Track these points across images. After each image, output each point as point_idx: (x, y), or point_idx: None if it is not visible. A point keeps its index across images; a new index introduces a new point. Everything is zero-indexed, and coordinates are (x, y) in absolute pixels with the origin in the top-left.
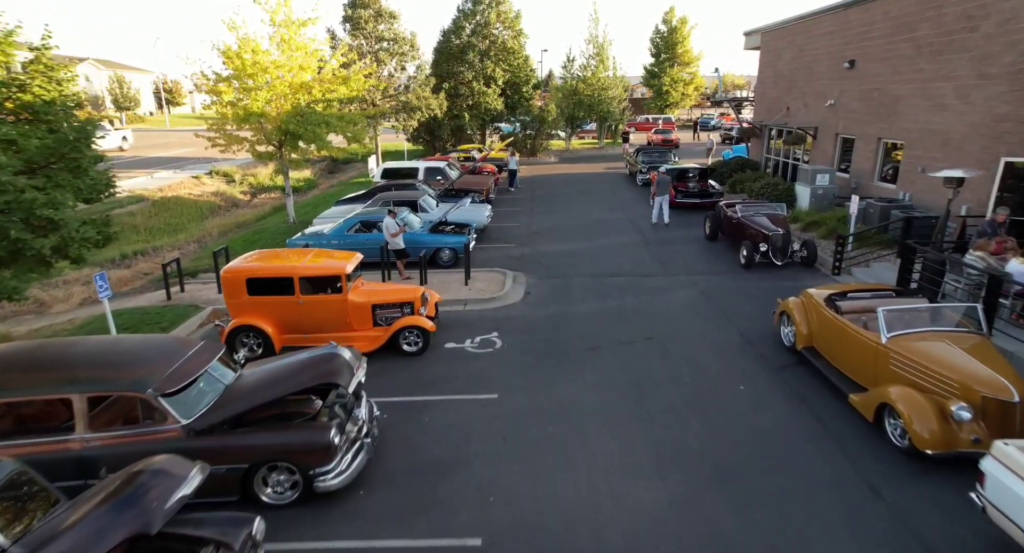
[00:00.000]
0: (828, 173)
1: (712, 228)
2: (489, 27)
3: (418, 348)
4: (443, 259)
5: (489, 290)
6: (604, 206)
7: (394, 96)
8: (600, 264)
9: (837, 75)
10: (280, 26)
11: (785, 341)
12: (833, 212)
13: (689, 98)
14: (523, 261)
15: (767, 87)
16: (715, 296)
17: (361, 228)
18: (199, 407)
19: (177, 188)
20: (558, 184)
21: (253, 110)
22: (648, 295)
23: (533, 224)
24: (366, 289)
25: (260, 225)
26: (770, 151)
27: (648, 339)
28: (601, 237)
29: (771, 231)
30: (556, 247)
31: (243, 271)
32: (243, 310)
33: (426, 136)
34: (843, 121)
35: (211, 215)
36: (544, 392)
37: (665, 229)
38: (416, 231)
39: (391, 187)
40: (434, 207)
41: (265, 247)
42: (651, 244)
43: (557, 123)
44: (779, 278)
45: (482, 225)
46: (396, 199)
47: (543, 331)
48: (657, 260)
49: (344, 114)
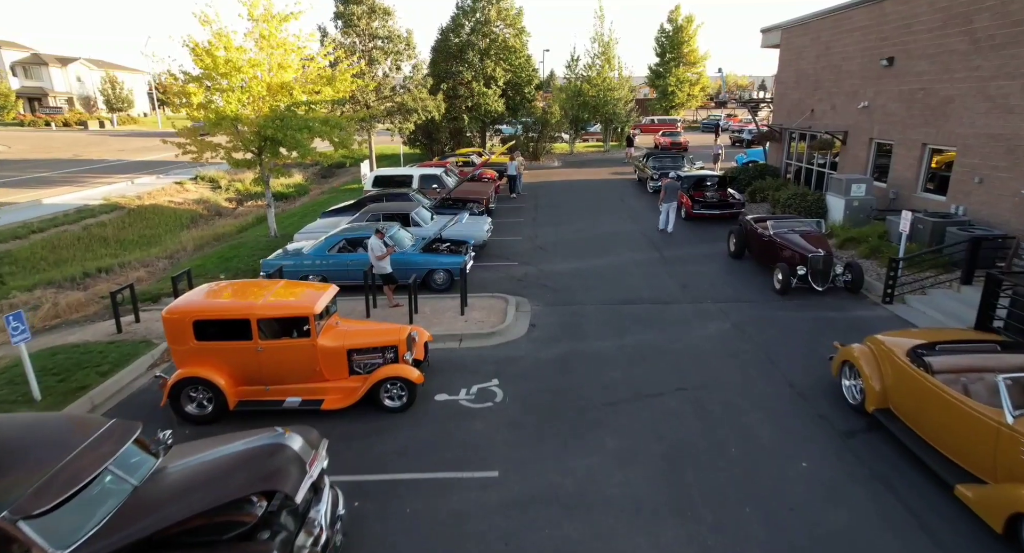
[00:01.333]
0: (864, 183)
1: (738, 245)
2: (489, 25)
3: (402, 403)
4: (437, 282)
5: (488, 322)
6: (613, 216)
7: (389, 97)
8: (614, 288)
9: (872, 74)
10: (259, 21)
11: (849, 397)
12: (872, 227)
13: (695, 99)
14: (527, 283)
15: (788, 87)
16: (750, 330)
17: (346, 246)
18: (84, 528)
19: (158, 195)
20: (563, 191)
21: (227, 113)
22: (672, 328)
23: (537, 237)
24: (341, 330)
25: (240, 238)
26: (791, 156)
27: (679, 390)
28: (613, 253)
29: (811, 252)
30: (563, 266)
31: (189, 311)
32: (190, 358)
33: (423, 139)
34: (879, 125)
35: (191, 225)
36: (555, 468)
37: (686, 244)
38: (407, 250)
39: (382, 197)
40: (428, 221)
41: (241, 266)
42: (669, 262)
43: (561, 125)
44: (822, 307)
45: (481, 241)
46: (387, 212)
47: (551, 377)
48: (678, 282)
49: (329, 118)
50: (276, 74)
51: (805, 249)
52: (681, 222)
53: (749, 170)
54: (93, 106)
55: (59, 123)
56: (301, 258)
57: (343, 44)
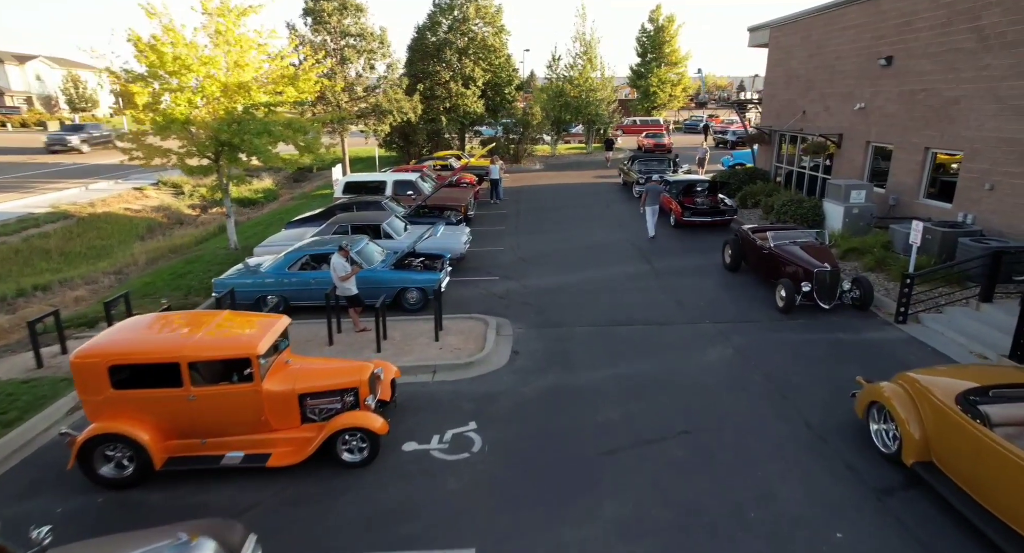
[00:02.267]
0: (864, 189)
1: (734, 257)
2: (468, 23)
3: (363, 457)
4: (409, 302)
5: (466, 349)
6: (600, 223)
7: (363, 98)
8: (603, 305)
9: (868, 74)
10: (214, 15)
11: (879, 444)
12: (874, 236)
13: (677, 99)
14: (509, 301)
15: (777, 88)
16: (756, 356)
17: (309, 263)
18: None
19: (113, 202)
20: (546, 195)
21: (176, 116)
22: (670, 355)
23: (520, 248)
24: (293, 370)
25: (198, 250)
26: (781, 159)
27: (683, 434)
28: (601, 265)
29: (816, 267)
30: (548, 280)
31: (104, 355)
32: (106, 410)
33: (400, 141)
34: (876, 127)
35: (147, 236)
36: (543, 542)
37: (677, 255)
38: (376, 267)
39: (352, 206)
40: (401, 232)
41: (194, 283)
42: (662, 275)
43: (543, 127)
44: (830, 327)
45: (459, 254)
46: (355, 223)
47: (537, 419)
48: (672, 299)
49: (292, 121)
50: (233, 73)
51: (810, 264)
52: (671, 230)
53: (738, 174)
54: (55, 106)
55: (16, 124)
56: (257, 277)
57: (313, 42)
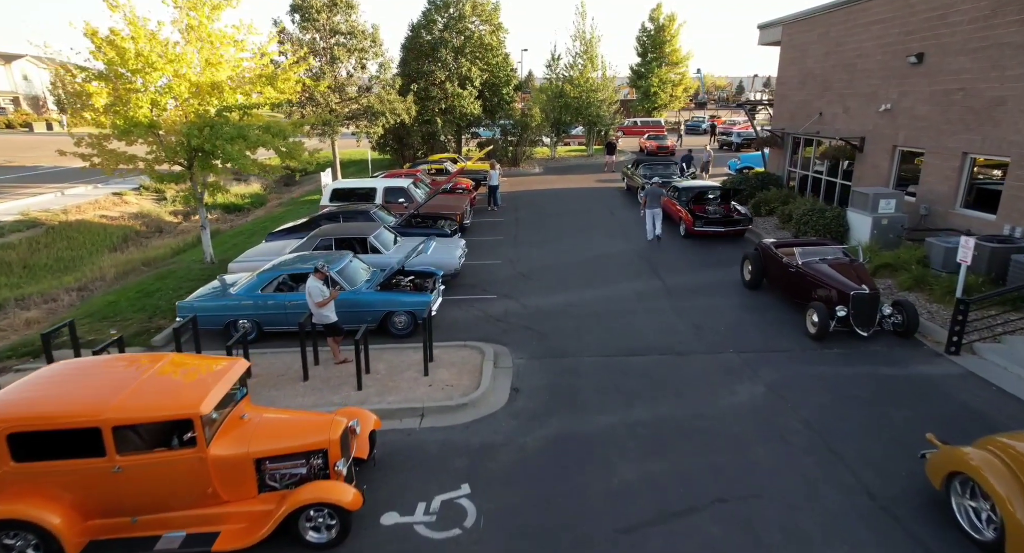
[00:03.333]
0: (894, 198)
1: (754, 273)
2: (464, 21)
3: (332, 536)
4: (397, 326)
5: (459, 385)
6: (604, 233)
7: (354, 99)
8: (613, 330)
9: (895, 73)
10: (185, 8)
11: (967, 525)
12: (906, 250)
13: (678, 100)
14: (507, 325)
15: (790, 88)
16: (792, 396)
17: (286, 283)
18: None
19: (88, 209)
20: (546, 201)
21: (139, 119)
22: (692, 393)
23: (519, 261)
24: (249, 427)
25: (172, 263)
26: (795, 164)
27: (718, 503)
28: (608, 281)
29: (853, 289)
30: (550, 299)
31: (1, 419)
32: (6, 488)
33: (394, 144)
34: (905, 130)
35: (122, 246)
36: None
37: (690, 269)
38: (360, 288)
39: (338, 215)
40: (391, 246)
41: (162, 303)
42: (675, 294)
43: (542, 128)
44: (873, 359)
45: (453, 270)
46: (340, 236)
47: (541, 480)
48: (689, 322)
49: (270, 124)
50: (205, 72)
51: (845, 285)
52: (681, 241)
53: (750, 179)
54: (43, 107)
55: (0, 125)
56: (227, 299)
57: (302, 40)
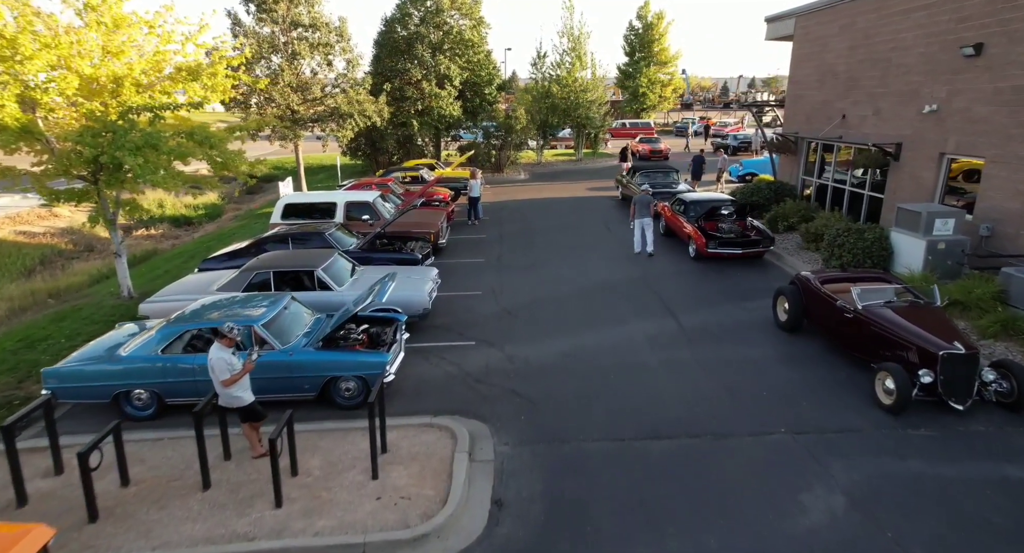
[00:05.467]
0: (953, 216)
1: (792, 312)
2: (442, 14)
3: None
4: (343, 395)
5: (420, 496)
6: (601, 253)
7: (319, 99)
8: (626, 396)
9: (944, 67)
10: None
11: None
12: (975, 282)
13: (667, 100)
14: (488, 386)
15: (806, 87)
16: (891, 519)
17: (194, 341)
18: None
19: (6, 224)
20: (533, 214)
21: (4, 122)
22: (745, 511)
23: (504, 291)
24: None
25: (83, 296)
26: (811, 172)
27: None
28: (612, 321)
29: (942, 349)
30: (543, 348)
31: None
32: None
33: (367, 148)
34: (957, 135)
35: (38, 270)
36: None
37: (707, 304)
38: (295, 345)
39: (287, 238)
40: (346, 279)
41: (46, 358)
42: (694, 339)
43: (527, 131)
44: (987, 450)
45: (421, 310)
46: (280, 268)
47: None
48: (720, 383)
49: (196, 129)
50: (103, 64)
51: (931, 343)
52: (692, 264)
53: (762, 190)
54: None
55: None
56: (115, 362)
57: (259, 34)
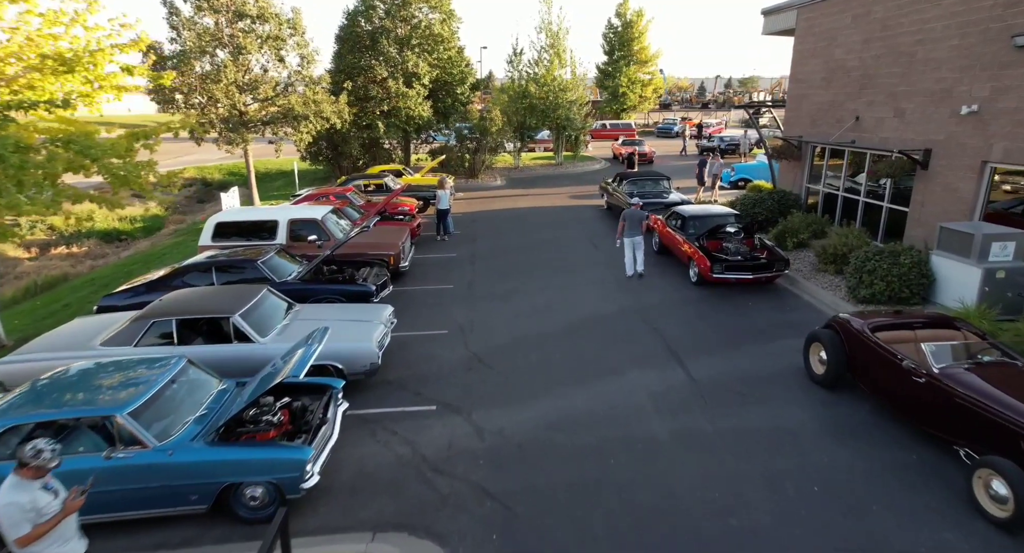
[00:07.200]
0: (1014, 240)
1: (832, 365)
2: (409, 7)
3: None
4: (248, 505)
5: None
6: (589, 277)
7: (270, 99)
8: (632, 495)
9: (985, 61)
10: None
11: None
12: None
13: (648, 100)
14: (449, 480)
15: (810, 86)
16: None
17: (42, 437)
18: None
19: None
20: (510, 227)
21: None
22: None
23: (475, 329)
24: None
25: None
26: (816, 179)
27: None
28: (607, 372)
29: None
30: (522, 415)
31: None
32: None
33: (328, 152)
34: (1005, 141)
35: None
36: None
37: (720, 346)
38: (179, 438)
39: (211, 266)
40: (274, 325)
41: None
42: (712, 399)
43: (503, 133)
44: None
45: (366, 367)
46: (183, 316)
47: None
48: (754, 469)
49: (74, 137)
50: None
51: None
52: (695, 292)
53: (764, 200)
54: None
55: None
56: None
57: (199, 25)
